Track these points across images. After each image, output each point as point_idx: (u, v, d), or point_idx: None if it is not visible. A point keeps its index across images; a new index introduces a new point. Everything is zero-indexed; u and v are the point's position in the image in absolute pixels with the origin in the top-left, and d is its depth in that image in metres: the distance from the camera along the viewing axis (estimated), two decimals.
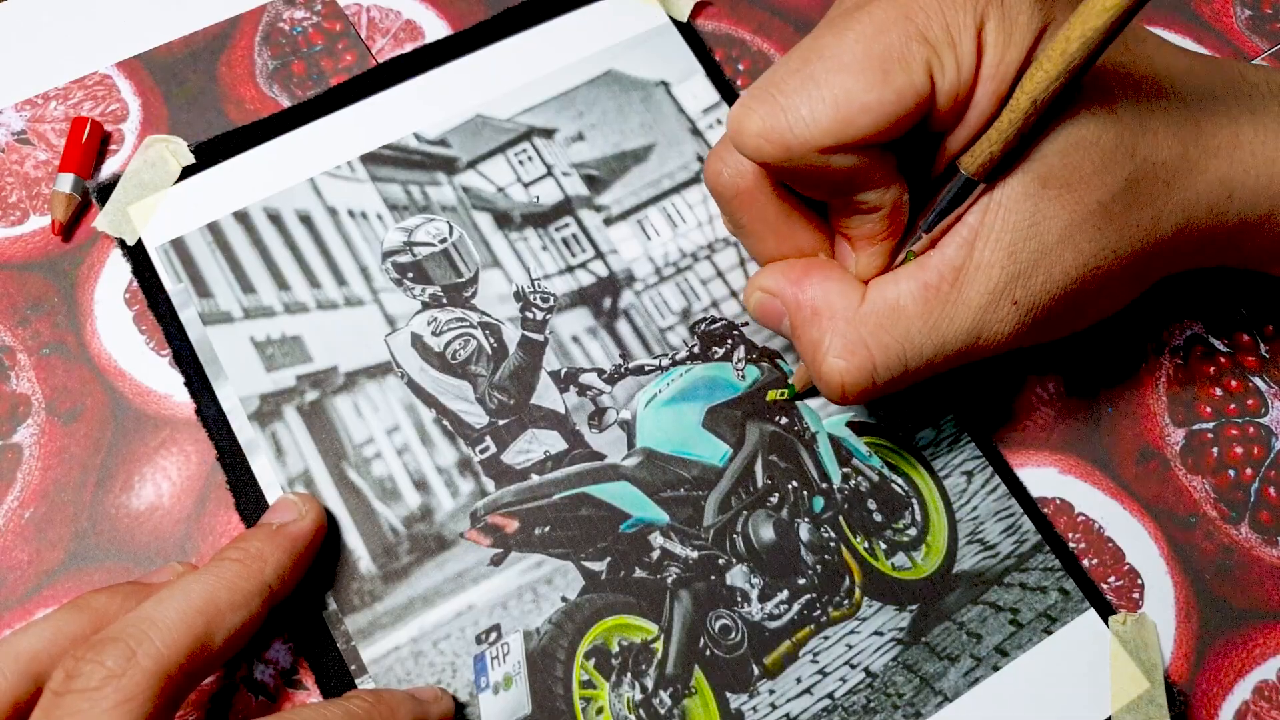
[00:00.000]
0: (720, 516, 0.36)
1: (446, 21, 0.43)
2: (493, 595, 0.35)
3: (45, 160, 0.39)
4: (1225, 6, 0.47)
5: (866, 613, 0.36)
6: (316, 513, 0.34)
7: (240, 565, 0.30)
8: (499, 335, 0.38)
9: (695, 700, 0.34)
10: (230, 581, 0.30)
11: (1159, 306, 0.41)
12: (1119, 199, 0.31)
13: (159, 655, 0.27)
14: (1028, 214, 0.30)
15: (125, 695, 0.26)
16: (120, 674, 0.27)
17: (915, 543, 0.37)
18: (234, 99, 0.41)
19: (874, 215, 0.31)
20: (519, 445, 0.37)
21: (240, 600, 0.30)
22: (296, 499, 0.34)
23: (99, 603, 0.30)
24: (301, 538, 0.33)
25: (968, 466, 0.38)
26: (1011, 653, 0.36)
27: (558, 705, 0.34)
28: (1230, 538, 0.38)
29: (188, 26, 0.42)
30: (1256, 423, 0.40)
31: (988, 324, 0.31)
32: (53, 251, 0.38)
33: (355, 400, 0.37)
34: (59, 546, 0.35)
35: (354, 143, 0.40)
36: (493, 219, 0.40)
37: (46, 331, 0.37)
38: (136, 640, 0.27)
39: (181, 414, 0.37)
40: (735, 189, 0.33)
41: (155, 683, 0.27)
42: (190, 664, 0.28)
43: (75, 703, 0.26)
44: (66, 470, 0.36)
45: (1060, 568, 0.37)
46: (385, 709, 0.30)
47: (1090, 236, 0.31)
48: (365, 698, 0.30)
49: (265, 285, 0.38)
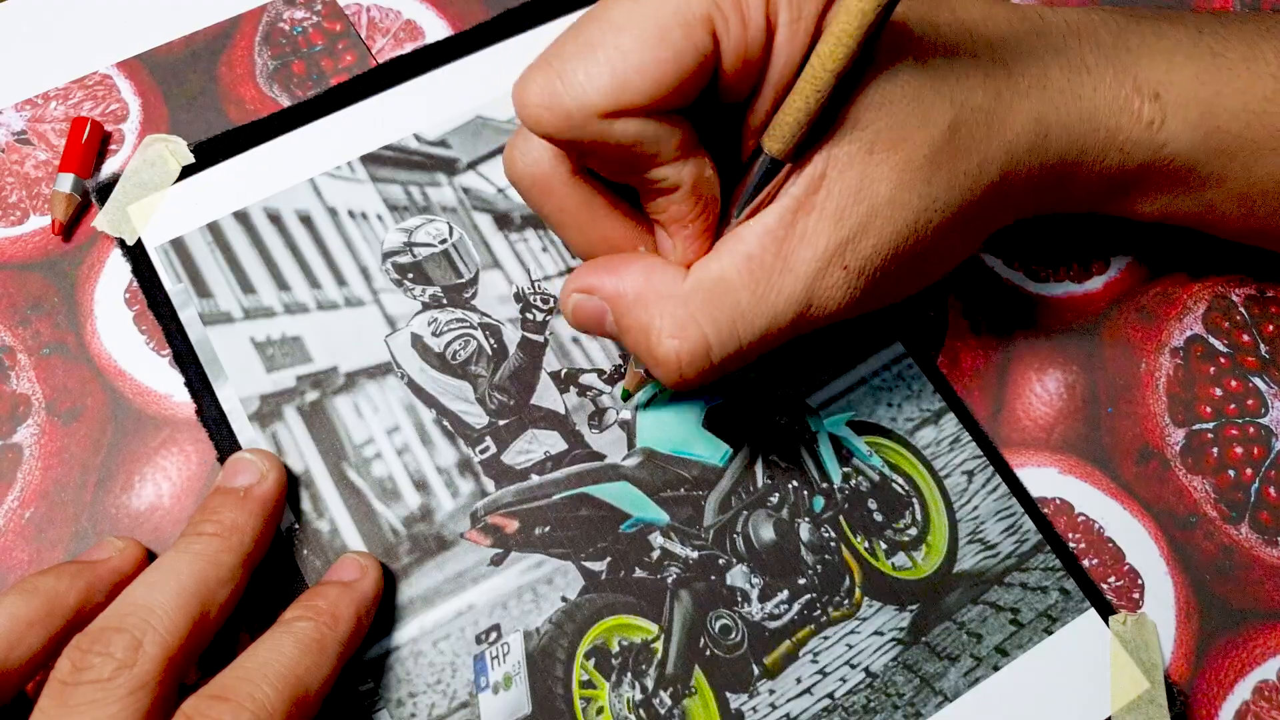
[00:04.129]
0: (720, 516, 0.36)
1: (447, 22, 0.43)
2: (493, 595, 0.35)
3: (45, 160, 0.39)
4: (1225, 6, 0.47)
5: (867, 612, 0.36)
6: (278, 470, 0.34)
7: (220, 539, 0.31)
8: (499, 336, 0.38)
9: (695, 700, 0.34)
10: (215, 557, 0.30)
11: (1159, 306, 0.41)
12: (943, 149, 0.30)
13: (163, 642, 0.28)
14: (854, 180, 0.29)
15: (138, 683, 0.27)
16: (130, 664, 0.27)
17: (915, 542, 0.37)
18: (234, 99, 0.41)
19: (677, 195, 0.30)
20: (519, 445, 0.37)
21: (227, 575, 0.30)
22: (254, 457, 0.34)
23: (47, 585, 0.30)
24: (270, 499, 0.33)
25: (968, 466, 0.38)
26: (1012, 652, 0.36)
27: (558, 705, 0.34)
28: (1230, 538, 0.38)
29: (188, 26, 0.42)
30: (1256, 423, 0.40)
31: (818, 291, 0.30)
32: (53, 251, 0.38)
33: (355, 401, 0.37)
34: (59, 546, 0.35)
35: (354, 143, 0.40)
36: (493, 220, 0.40)
37: (46, 331, 0.37)
38: (140, 629, 0.28)
39: (181, 414, 0.37)
40: (531, 177, 0.31)
41: (162, 668, 0.28)
42: (190, 644, 0.29)
43: (89, 693, 0.27)
44: (66, 470, 0.36)
45: (1060, 568, 0.37)
46: (328, 618, 0.31)
47: (919, 192, 0.30)
48: (307, 615, 0.31)
49: (265, 285, 0.38)
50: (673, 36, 0.27)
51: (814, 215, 0.30)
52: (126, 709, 0.27)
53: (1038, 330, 0.41)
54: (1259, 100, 0.34)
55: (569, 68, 0.27)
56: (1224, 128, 0.34)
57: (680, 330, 0.30)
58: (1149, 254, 0.42)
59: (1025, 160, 0.32)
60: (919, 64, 0.30)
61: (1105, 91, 0.33)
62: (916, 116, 0.30)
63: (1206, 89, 0.34)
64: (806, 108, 0.28)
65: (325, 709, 0.30)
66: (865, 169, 0.29)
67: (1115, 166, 0.34)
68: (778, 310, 0.30)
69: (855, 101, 0.29)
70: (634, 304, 0.30)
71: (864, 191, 0.29)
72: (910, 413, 0.39)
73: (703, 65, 0.27)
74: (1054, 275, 0.42)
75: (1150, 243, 0.42)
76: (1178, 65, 0.34)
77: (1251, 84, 0.34)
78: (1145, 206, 0.37)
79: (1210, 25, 0.35)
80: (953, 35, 0.31)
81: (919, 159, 0.30)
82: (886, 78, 0.29)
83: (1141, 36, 0.34)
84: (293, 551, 0.35)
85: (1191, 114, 0.34)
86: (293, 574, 0.34)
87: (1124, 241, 0.42)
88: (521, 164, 0.31)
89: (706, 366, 0.30)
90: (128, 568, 0.32)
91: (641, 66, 0.27)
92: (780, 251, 0.30)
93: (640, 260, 0.31)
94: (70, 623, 0.30)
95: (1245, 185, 0.35)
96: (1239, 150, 0.34)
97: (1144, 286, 0.42)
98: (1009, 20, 0.33)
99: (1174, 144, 0.34)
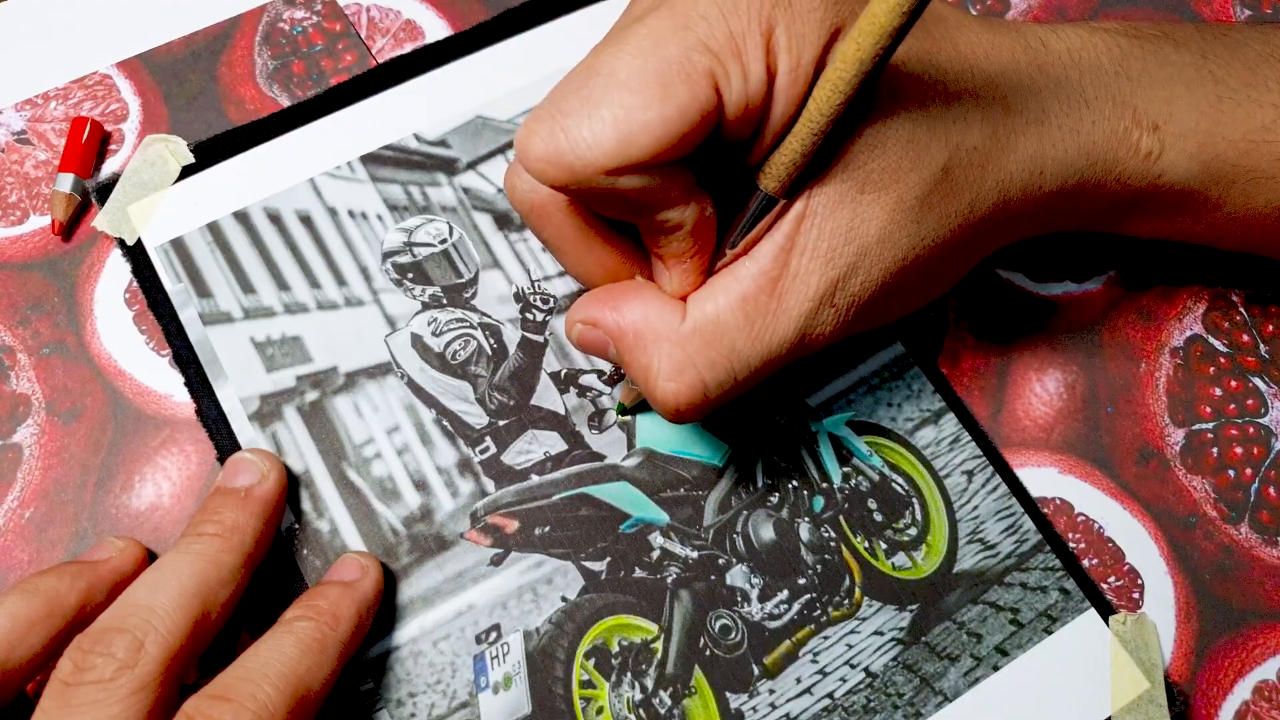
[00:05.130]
0: (720, 516, 0.36)
1: (446, 21, 0.43)
2: (493, 595, 0.35)
3: (45, 160, 0.39)
4: (1225, 6, 0.47)
5: (866, 612, 0.36)
6: (279, 470, 0.34)
7: (221, 540, 0.31)
8: (499, 336, 0.38)
9: (695, 700, 0.34)
10: (216, 558, 0.30)
11: (1159, 306, 0.41)
12: (936, 190, 0.30)
13: (165, 642, 0.28)
14: (845, 220, 0.30)
15: (139, 684, 0.27)
16: (132, 664, 0.27)
17: (915, 542, 0.37)
18: (234, 99, 0.41)
19: (678, 234, 0.30)
20: (519, 446, 0.37)
21: (228, 575, 0.31)
22: (255, 457, 0.34)
23: (48, 585, 0.30)
24: (271, 500, 0.33)
25: (968, 466, 0.38)
26: (1012, 652, 0.36)
27: (558, 705, 0.34)
28: (1230, 538, 0.38)
29: (188, 26, 0.42)
30: (1256, 423, 0.40)
31: (810, 327, 0.31)
32: (53, 251, 0.38)
33: (355, 400, 0.37)
34: (59, 546, 0.35)
35: (354, 143, 0.40)
36: (493, 220, 0.40)
37: (46, 331, 0.37)
38: (142, 630, 0.28)
39: (181, 414, 0.37)
40: (530, 204, 0.32)
41: (163, 668, 0.28)
42: (192, 644, 0.29)
43: (91, 693, 0.27)
44: (66, 470, 0.36)
45: (1060, 567, 0.37)
46: (329, 618, 0.31)
47: (909, 231, 0.30)
48: (308, 615, 0.31)
49: (265, 285, 0.38)
50: (676, 92, 0.27)
51: (806, 255, 0.30)
52: (128, 709, 0.27)
53: (1038, 330, 0.41)
54: (1259, 129, 0.34)
55: (572, 124, 0.27)
56: (1222, 156, 0.34)
57: (678, 374, 0.30)
58: (1149, 254, 0.42)
59: (1018, 195, 0.33)
60: (915, 107, 0.30)
61: (1104, 125, 0.33)
62: (910, 158, 0.30)
63: (1206, 119, 0.34)
64: (803, 149, 0.28)
65: (325, 709, 0.30)
66: (856, 208, 0.30)
67: (1111, 195, 0.34)
68: (772, 347, 0.31)
69: (850, 143, 0.29)
70: (634, 343, 0.31)
71: (855, 231, 0.30)
72: (910, 413, 0.39)
73: (705, 118, 0.27)
74: (1054, 275, 0.42)
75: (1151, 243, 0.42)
76: (1178, 95, 0.34)
77: (1252, 112, 0.34)
78: (1140, 229, 0.37)
79: (1214, 49, 0.35)
80: (953, 72, 0.31)
81: (910, 199, 0.30)
82: (882, 120, 0.29)
83: (1144, 63, 0.34)
84: (293, 551, 0.35)
85: (1190, 144, 0.34)
86: (293, 574, 0.34)
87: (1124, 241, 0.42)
88: (520, 191, 0.32)
89: (701, 403, 0.31)
90: (128, 568, 0.32)
91: (646, 124, 0.27)
92: (774, 291, 0.30)
93: (640, 296, 0.32)
94: (71, 623, 0.30)
95: (1243, 211, 0.35)
96: (1237, 177, 0.34)
97: (1144, 286, 0.42)
98: (1011, 52, 0.33)
99: (1171, 173, 0.34)
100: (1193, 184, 0.34)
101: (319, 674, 0.30)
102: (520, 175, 0.31)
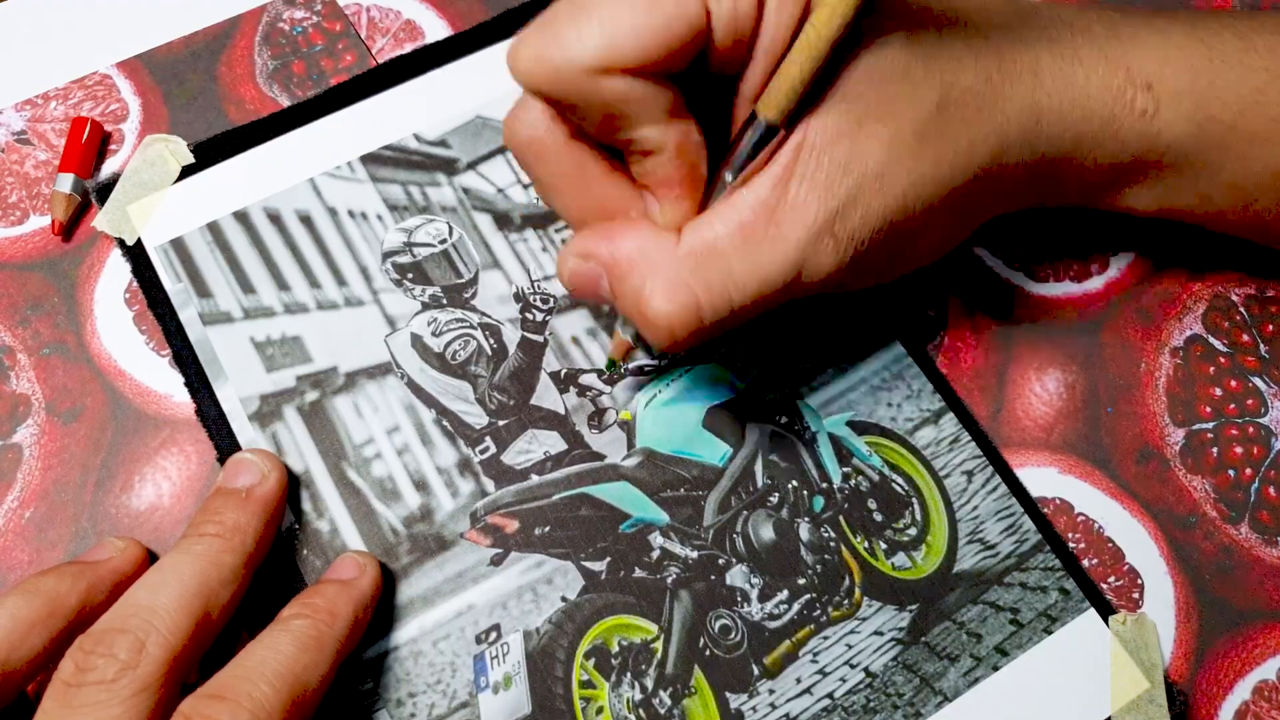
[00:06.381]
0: (720, 516, 0.36)
1: (446, 22, 0.43)
2: (493, 595, 0.35)
3: (45, 160, 0.39)
4: (1225, 6, 0.47)
5: (866, 612, 0.36)
6: (279, 471, 0.34)
7: (222, 540, 0.31)
8: (499, 336, 0.38)
9: (695, 700, 0.34)
10: (217, 558, 0.30)
11: (1159, 306, 0.41)
12: (932, 127, 0.31)
13: (166, 643, 0.28)
14: (843, 152, 0.30)
15: (141, 685, 0.27)
16: (134, 665, 0.27)
17: (915, 542, 0.37)
18: (234, 99, 0.41)
19: (662, 157, 0.30)
20: (519, 446, 0.37)
21: (229, 576, 0.30)
22: (256, 458, 0.34)
23: (48, 585, 0.30)
24: (271, 500, 0.33)
25: (968, 466, 0.38)
26: (1011, 652, 0.36)
27: (557, 705, 0.34)
28: (1230, 538, 0.38)
29: (188, 26, 0.42)
30: (1256, 423, 0.40)
31: (808, 259, 0.31)
32: (53, 251, 0.38)
33: (355, 400, 0.37)
34: (59, 546, 0.35)
35: (354, 143, 0.40)
36: (493, 220, 0.40)
37: (46, 331, 0.37)
38: (144, 631, 0.28)
39: (181, 414, 0.37)
40: (528, 140, 0.32)
41: (165, 669, 0.28)
42: (193, 645, 0.29)
43: (93, 694, 0.27)
44: (66, 470, 0.36)
45: (1060, 567, 0.37)
46: (326, 616, 0.31)
47: (907, 167, 0.31)
48: (304, 613, 0.31)
49: (265, 285, 0.38)
50: (664, 4, 0.28)
51: (805, 185, 0.30)
52: (130, 710, 0.27)
53: (1038, 330, 0.41)
54: (1251, 92, 0.34)
55: (562, 28, 0.28)
56: (1217, 118, 0.34)
57: (672, 293, 0.30)
58: (1149, 254, 0.42)
59: (1017, 147, 0.33)
60: (910, 40, 0.30)
61: (1098, 80, 0.34)
62: (905, 92, 0.30)
63: (1199, 80, 0.34)
64: (801, 75, 0.28)
65: (325, 709, 0.30)
66: (854, 141, 0.30)
67: (1109, 157, 0.35)
68: (768, 275, 0.31)
69: (845, 73, 0.30)
70: (628, 270, 0.31)
71: (853, 164, 0.30)
72: (910, 413, 0.39)
73: (694, 36, 0.28)
74: (1054, 275, 0.42)
75: (1150, 242, 0.42)
76: (1170, 57, 0.34)
77: (1244, 76, 0.34)
78: (1139, 200, 0.37)
79: (1204, 20, 0.36)
80: (946, 16, 0.32)
81: (907, 134, 0.30)
82: (877, 51, 0.30)
83: (1134, 29, 0.35)
84: (293, 552, 0.35)
85: (1184, 105, 0.34)
86: (293, 574, 0.34)
87: (1124, 241, 0.42)
88: (519, 127, 0.32)
89: (697, 327, 0.31)
90: (128, 568, 0.32)
91: (632, 29, 0.28)
92: (772, 219, 0.30)
93: (635, 228, 0.32)
94: (72, 623, 0.30)
95: (1240, 177, 0.35)
96: (1233, 141, 0.35)
97: (1144, 286, 0.42)
98: (1002, 7, 0.34)
99: (1167, 134, 0.34)
100: (1189, 146, 0.35)
101: (316, 672, 0.30)
102: (518, 114, 0.32)
